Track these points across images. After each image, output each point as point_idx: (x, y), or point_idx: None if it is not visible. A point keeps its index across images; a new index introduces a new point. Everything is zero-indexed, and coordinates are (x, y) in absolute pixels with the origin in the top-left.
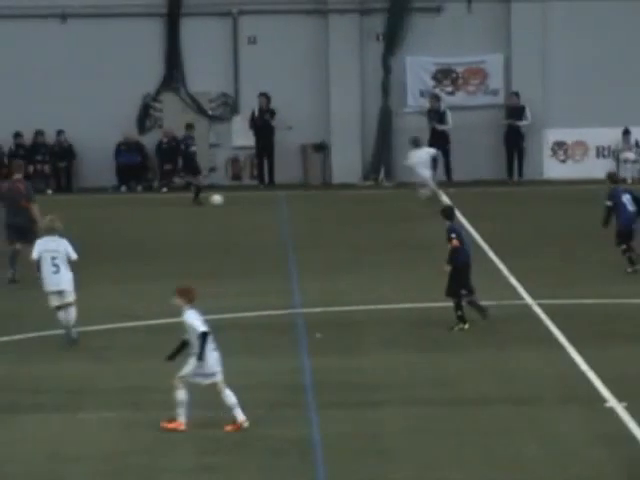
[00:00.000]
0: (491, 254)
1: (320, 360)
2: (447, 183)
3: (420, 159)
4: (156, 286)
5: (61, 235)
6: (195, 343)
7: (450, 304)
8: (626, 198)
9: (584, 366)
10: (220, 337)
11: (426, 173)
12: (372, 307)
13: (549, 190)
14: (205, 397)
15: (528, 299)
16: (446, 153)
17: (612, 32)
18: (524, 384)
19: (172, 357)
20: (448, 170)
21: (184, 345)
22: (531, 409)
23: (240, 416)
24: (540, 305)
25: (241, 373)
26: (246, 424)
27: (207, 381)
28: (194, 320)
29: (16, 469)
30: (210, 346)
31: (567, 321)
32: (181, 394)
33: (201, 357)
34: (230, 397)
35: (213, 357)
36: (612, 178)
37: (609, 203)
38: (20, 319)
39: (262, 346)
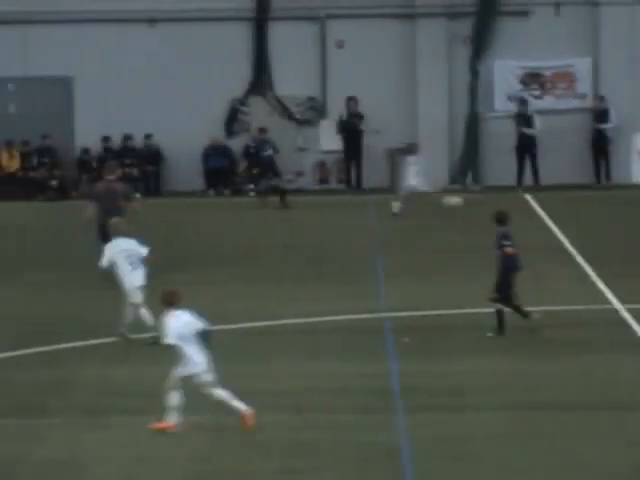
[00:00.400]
0: (579, 258)
1: (407, 364)
2: (535, 187)
3: (411, 165)
4: (246, 289)
5: (129, 236)
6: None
7: (534, 309)
8: None
9: None
10: (306, 340)
11: (412, 181)
12: (458, 311)
13: (638, 194)
14: (293, 400)
15: (617, 304)
16: (534, 157)
17: None
18: (613, 389)
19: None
20: (536, 174)
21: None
22: (619, 414)
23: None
24: (629, 310)
25: (329, 376)
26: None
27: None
28: (166, 327)
29: (108, 470)
30: (188, 349)
31: None
32: (219, 394)
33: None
34: (173, 399)
35: (195, 358)
36: None
37: None
38: (105, 323)
39: (349, 349)
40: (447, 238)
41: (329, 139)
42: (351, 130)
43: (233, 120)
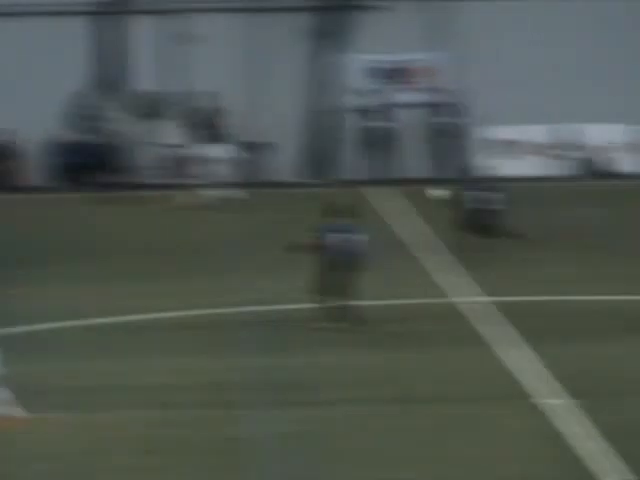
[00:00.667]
0: (426, 252)
1: (253, 359)
2: (387, 181)
3: (217, 155)
4: (96, 286)
5: None
6: None
7: (374, 302)
8: None
9: (526, 363)
10: (160, 336)
11: (221, 170)
12: (307, 305)
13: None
14: (150, 396)
15: (455, 297)
16: (388, 151)
17: (559, 30)
18: (462, 383)
19: None
20: (390, 169)
21: None
22: (470, 407)
23: None
24: (462, 303)
25: (183, 372)
26: None
27: None
28: None
29: None
30: None
31: (512, 319)
32: None
33: None
34: None
35: None
36: None
37: None
38: None
39: (194, 346)
40: (297, 232)
41: (181, 134)
42: (208, 125)
43: (84, 115)
